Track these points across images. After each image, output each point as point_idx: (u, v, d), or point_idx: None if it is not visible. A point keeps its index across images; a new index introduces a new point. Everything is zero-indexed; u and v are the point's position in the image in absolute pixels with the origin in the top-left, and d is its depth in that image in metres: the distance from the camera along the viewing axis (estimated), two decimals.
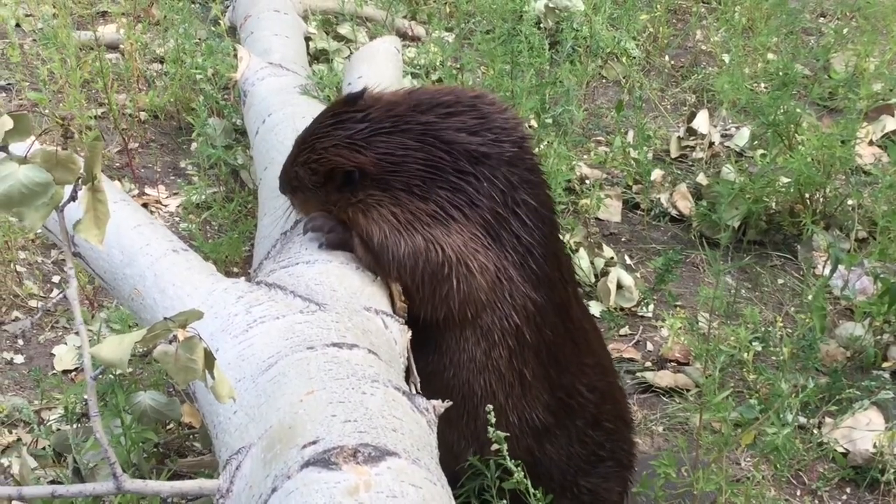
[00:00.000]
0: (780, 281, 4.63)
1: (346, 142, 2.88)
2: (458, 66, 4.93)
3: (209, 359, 1.98)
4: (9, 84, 5.64)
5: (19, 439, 3.60)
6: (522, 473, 2.76)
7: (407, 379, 2.75)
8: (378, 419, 2.18)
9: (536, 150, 4.36)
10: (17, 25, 5.92)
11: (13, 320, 4.18)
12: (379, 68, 4.23)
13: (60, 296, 4.26)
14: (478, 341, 2.87)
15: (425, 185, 2.81)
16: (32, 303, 4.26)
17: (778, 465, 3.33)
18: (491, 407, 2.71)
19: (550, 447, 3.06)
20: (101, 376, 2.12)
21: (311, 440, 2.10)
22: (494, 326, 2.85)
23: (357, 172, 2.84)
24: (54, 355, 4.02)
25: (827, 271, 4.26)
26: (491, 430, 2.69)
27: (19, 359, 4.01)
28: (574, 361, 3.06)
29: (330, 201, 2.92)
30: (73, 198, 2.13)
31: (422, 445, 2.21)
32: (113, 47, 5.94)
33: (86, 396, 3.43)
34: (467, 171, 2.82)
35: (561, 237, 3.16)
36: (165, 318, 1.98)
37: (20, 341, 4.09)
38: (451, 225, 2.80)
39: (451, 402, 2.53)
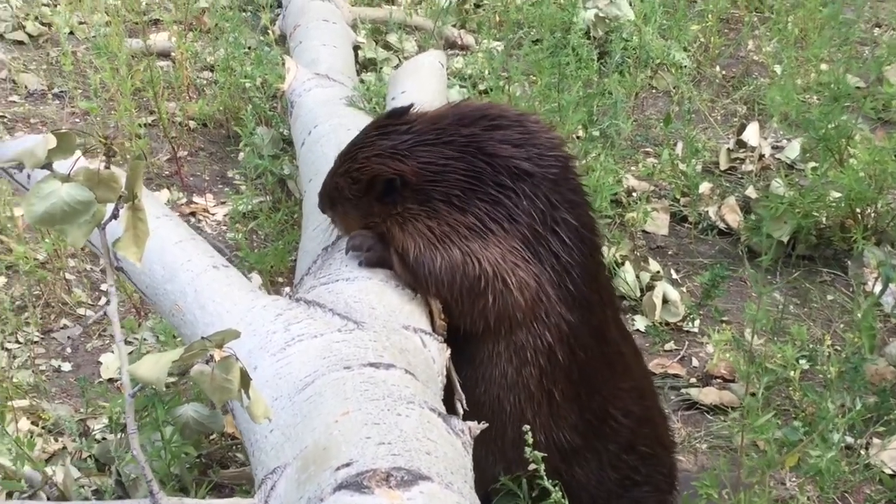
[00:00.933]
0: (830, 297, 4.57)
1: (388, 151, 2.89)
2: (506, 76, 4.91)
3: (245, 379, 1.99)
4: (62, 92, 5.71)
5: (64, 447, 3.63)
6: (560, 493, 2.74)
7: (450, 397, 2.75)
8: (412, 441, 2.17)
9: (581, 165, 4.36)
10: (71, 33, 6.00)
11: (62, 328, 4.22)
12: (423, 83, 4.23)
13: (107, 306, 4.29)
14: (510, 358, 2.85)
15: (465, 196, 2.81)
16: (81, 310, 4.31)
17: (823, 487, 3.28)
18: (528, 427, 2.70)
19: (580, 470, 3.03)
20: (140, 391, 2.13)
21: (345, 462, 2.10)
22: (528, 344, 2.84)
23: (398, 181, 2.84)
24: (101, 363, 4.06)
25: (877, 288, 4.19)
26: (528, 450, 2.67)
27: (67, 366, 4.05)
28: (608, 385, 3.03)
29: (370, 213, 2.92)
30: (114, 216, 2.15)
31: (456, 468, 2.20)
32: (164, 55, 6.00)
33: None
34: (507, 185, 2.81)
35: (602, 259, 3.14)
36: (203, 338, 1.99)
37: (68, 349, 4.14)
38: (488, 238, 2.79)
39: (486, 424, 2.52)
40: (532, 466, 2.71)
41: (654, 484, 3.20)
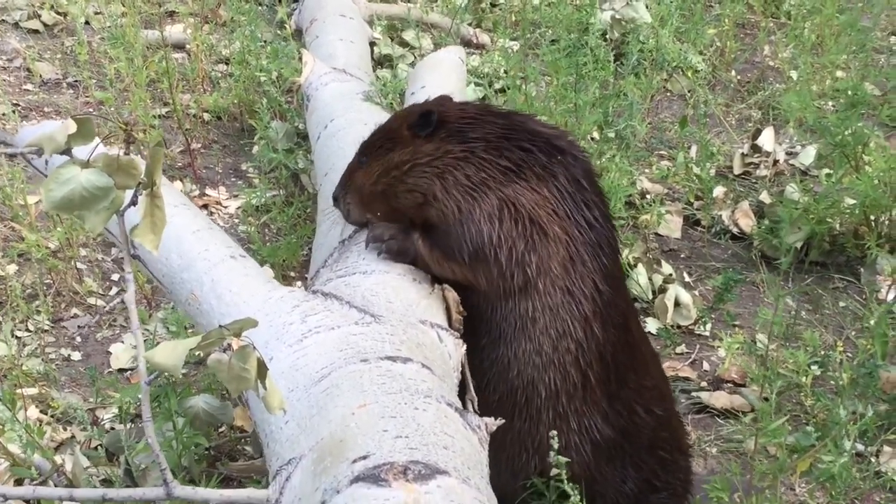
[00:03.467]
0: (842, 304, 4.55)
1: (427, 104, 3.07)
2: (523, 76, 4.90)
3: (262, 369, 1.98)
4: (76, 81, 5.70)
5: (73, 437, 3.62)
6: (579, 497, 2.71)
7: (463, 394, 2.73)
8: (429, 436, 2.16)
9: (596, 166, 4.37)
10: (87, 23, 6.00)
11: (72, 317, 4.21)
12: (443, 78, 4.22)
13: (121, 298, 4.29)
14: (546, 327, 2.83)
15: (501, 141, 2.87)
16: (91, 300, 4.30)
17: (833, 494, 3.27)
18: (555, 433, 2.69)
19: (607, 467, 3.01)
20: (154, 380, 2.12)
21: (362, 455, 2.09)
22: (564, 311, 2.83)
23: (434, 115, 2.91)
24: (111, 353, 4.05)
25: (891, 296, 4.18)
26: (553, 454, 2.65)
27: (76, 356, 4.04)
28: (633, 378, 3.03)
29: (409, 156, 2.94)
30: (133, 202, 2.14)
31: (472, 464, 2.19)
32: (179, 47, 6.00)
33: (139, 398, 3.46)
34: (541, 144, 2.89)
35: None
36: (220, 326, 1.98)
37: (78, 338, 4.13)
38: (522, 183, 2.83)
39: (503, 420, 2.51)
40: (564, 461, 2.69)
41: (672, 490, 3.18)
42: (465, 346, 2.79)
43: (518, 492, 2.97)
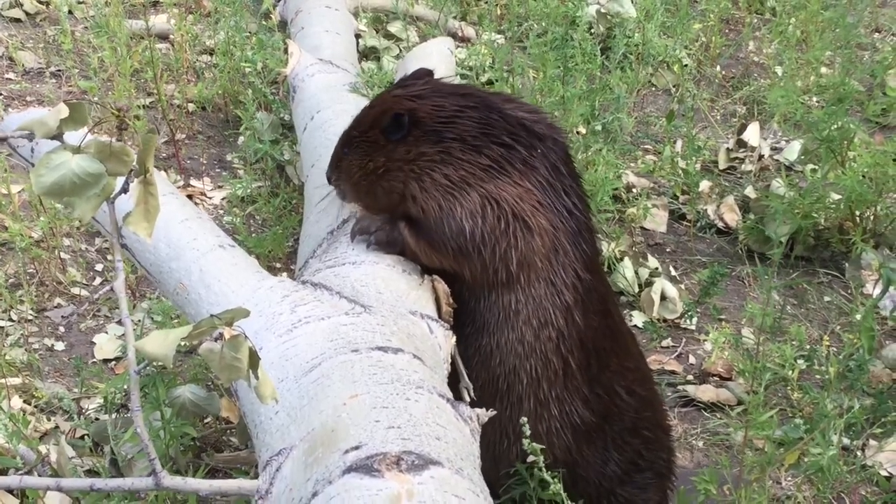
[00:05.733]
0: (827, 298, 4.56)
1: (402, 94, 2.96)
2: (509, 69, 4.89)
3: (253, 358, 1.96)
4: (59, 71, 5.66)
5: (57, 427, 3.60)
6: (560, 486, 2.71)
7: (456, 383, 2.73)
8: (422, 426, 2.15)
9: (582, 159, 4.37)
10: (70, 12, 5.96)
11: (55, 307, 4.18)
12: (432, 69, 4.20)
13: (107, 288, 4.26)
14: (528, 317, 2.83)
15: (478, 138, 2.83)
16: (75, 290, 4.27)
17: (820, 487, 3.27)
18: (525, 420, 2.68)
19: (588, 450, 3.02)
20: (143, 370, 2.10)
21: (354, 445, 2.08)
22: (547, 301, 2.83)
23: (406, 117, 2.86)
24: (95, 344, 4.02)
25: (876, 291, 4.19)
26: (526, 442, 2.65)
27: (60, 346, 4.01)
28: (614, 361, 3.04)
29: (381, 157, 2.90)
30: (124, 190, 2.12)
31: (465, 455, 2.18)
32: (163, 37, 5.96)
33: (125, 387, 3.44)
34: (522, 137, 2.85)
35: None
36: (212, 315, 1.97)
37: (62, 328, 4.10)
38: (504, 178, 2.81)
39: (494, 412, 2.51)
40: (538, 447, 2.68)
41: (656, 470, 3.20)
42: (454, 338, 2.79)
43: (501, 479, 2.97)
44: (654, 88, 6.05)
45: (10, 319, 4.08)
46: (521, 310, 2.83)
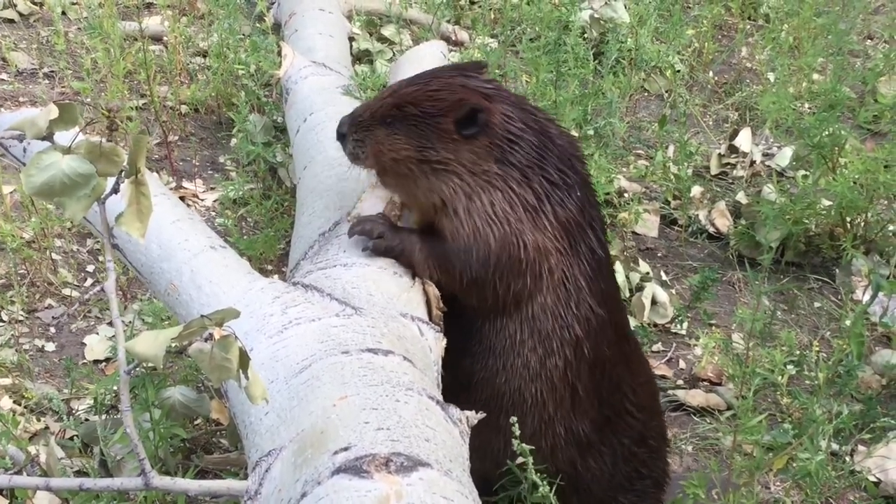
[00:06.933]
0: (817, 304, 4.58)
1: (473, 85, 2.83)
2: (502, 73, 4.90)
3: (244, 359, 1.97)
4: (52, 72, 5.66)
5: (47, 427, 3.59)
6: (549, 489, 2.72)
7: (448, 387, 2.73)
8: (411, 428, 2.15)
9: None
10: (63, 13, 5.95)
11: (46, 308, 4.18)
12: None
13: (98, 288, 4.26)
14: (535, 347, 2.84)
15: (533, 170, 2.78)
16: (66, 291, 4.26)
17: (809, 492, 3.28)
18: (514, 420, 2.66)
19: (593, 462, 3.03)
20: (133, 370, 2.10)
21: (343, 446, 2.08)
22: (554, 334, 2.83)
23: (484, 116, 2.75)
24: (85, 345, 4.02)
25: (866, 297, 4.20)
26: (515, 442, 2.65)
27: (50, 346, 4.01)
28: (627, 381, 3.05)
29: (432, 143, 2.78)
30: (115, 190, 2.12)
31: (454, 457, 2.18)
32: (157, 39, 5.96)
33: (115, 388, 3.44)
34: (567, 172, 2.83)
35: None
36: (202, 316, 1.97)
37: (52, 329, 4.10)
38: (539, 219, 2.78)
39: (483, 414, 2.51)
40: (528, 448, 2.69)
41: (655, 478, 3.22)
42: (445, 341, 2.79)
43: (496, 480, 2.98)
44: (646, 93, 6.06)
45: (1, 320, 4.07)
46: (527, 340, 2.84)
